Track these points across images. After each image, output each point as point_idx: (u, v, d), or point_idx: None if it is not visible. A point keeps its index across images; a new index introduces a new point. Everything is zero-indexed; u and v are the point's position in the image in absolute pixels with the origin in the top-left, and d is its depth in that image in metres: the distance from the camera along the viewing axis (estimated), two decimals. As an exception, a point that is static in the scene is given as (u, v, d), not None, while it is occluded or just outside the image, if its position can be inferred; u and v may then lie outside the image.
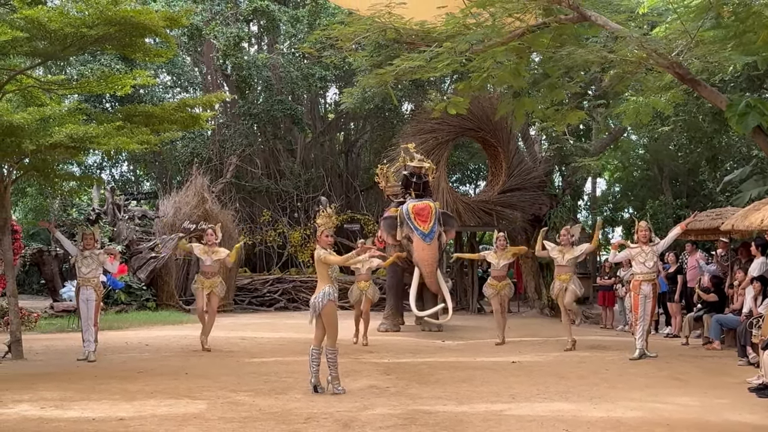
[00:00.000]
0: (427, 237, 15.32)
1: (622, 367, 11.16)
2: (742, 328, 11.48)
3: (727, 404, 8.29)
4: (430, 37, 13.41)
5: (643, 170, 31.53)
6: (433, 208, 15.66)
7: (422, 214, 15.50)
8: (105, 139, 11.32)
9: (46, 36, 10.69)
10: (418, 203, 15.76)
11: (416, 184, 16.36)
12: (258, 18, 26.62)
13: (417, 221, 15.42)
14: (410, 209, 15.65)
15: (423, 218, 15.45)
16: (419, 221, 15.41)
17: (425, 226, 15.37)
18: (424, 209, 15.59)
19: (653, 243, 12.51)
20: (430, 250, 15.27)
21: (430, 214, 15.53)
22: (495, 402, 8.39)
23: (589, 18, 12.23)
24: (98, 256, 12.16)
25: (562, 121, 14.97)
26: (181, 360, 11.82)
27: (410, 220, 15.54)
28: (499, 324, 14.48)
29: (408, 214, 15.63)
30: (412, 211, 15.59)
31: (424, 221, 15.41)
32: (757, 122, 11.97)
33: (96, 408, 7.99)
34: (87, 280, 12.03)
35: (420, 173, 16.48)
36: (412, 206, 15.70)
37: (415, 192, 16.25)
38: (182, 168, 26.90)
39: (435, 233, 15.44)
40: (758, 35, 11.41)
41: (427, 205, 15.69)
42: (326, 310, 8.91)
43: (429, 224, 15.40)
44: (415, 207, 15.65)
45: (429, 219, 15.45)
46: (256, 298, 23.33)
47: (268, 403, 8.33)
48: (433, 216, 15.52)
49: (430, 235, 15.36)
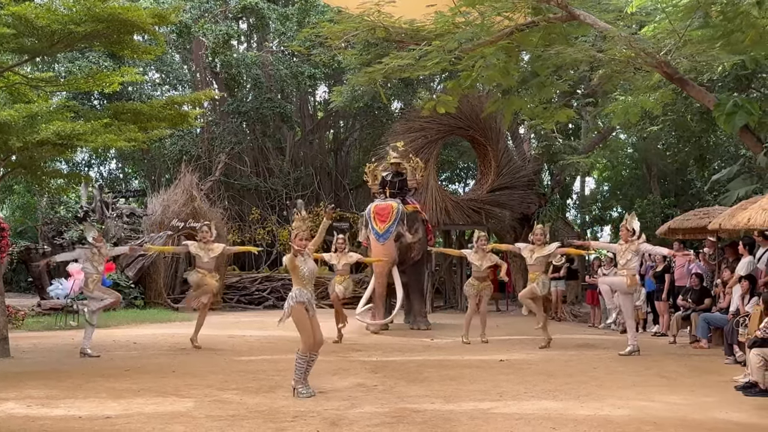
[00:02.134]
0: (381, 237, 15.45)
1: (610, 366, 11.17)
2: (729, 327, 11.51)
3: (715, 402, 8.31)
4: (420, 35, 13.45)
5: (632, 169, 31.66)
6: (395, 209, 15.74)
7: (382, 214, 15.67)
8: (93, 136, 11.28)
9: (33, 33, 10.65)
10: (382, 203, 15.99)
11: (392, 182, 16.49)
12: (247, 16, 26.59)
13: (376, 221, 15.63)
14: (372, 209, 15.93)
15: (382, 218, 15.60)
16: (378, 221, 15.60)
17: (381, 226, 15.53)
18: (385, 209, 15.76)
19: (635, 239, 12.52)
20: (382, 250, 15.36)
21: (390, 214, 15.63)
22: (482, 400, 8.38)
23: (578, 17, 12.27)
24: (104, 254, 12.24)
25: (551, 119, 15.03)
26: (168, 358, 11.78)
27: (370, 220, 15.75)
28: (467, 323, 14.36)
29: (369, 214, 15.87)
30: (373, 211, 15.85)
31: (382, 221, 15.56)
32: (745, 121, 12.06)
33: (82, 406, 7.95)
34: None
35: (397, 171, 16.57)
36: (374, 206, 15.99)
37: (390, 190, 16.35)
38: (171, 166, 26.84)
39: (391, 234, 15.55)
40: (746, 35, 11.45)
41: (389, 205, 15.83)
42: (294, 313, 8.65)
43: (386, 224, 15.53)
44: (377, 207, 15.91)
45: (388, 219, 15.56)
46: (244, 296, 23.29)
47: (255, 401, 8.31)
48: (392, 216, 15.63)
49: (384, 235, 15.49)
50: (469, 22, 12.82)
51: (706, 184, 22.95)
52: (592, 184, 35.49)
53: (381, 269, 15.38)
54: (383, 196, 16.33)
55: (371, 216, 15.73)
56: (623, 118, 14.21)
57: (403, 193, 16.58)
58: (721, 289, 13.54)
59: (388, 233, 15.46)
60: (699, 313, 13.72)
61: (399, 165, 16.76)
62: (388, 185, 16.51)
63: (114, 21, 10.67)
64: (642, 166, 29.52)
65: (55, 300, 18.57)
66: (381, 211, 15.67)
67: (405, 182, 16.77)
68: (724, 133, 18.14)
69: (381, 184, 16.74)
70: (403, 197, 16.51)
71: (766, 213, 8.69)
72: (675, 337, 14.31)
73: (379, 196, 16.51)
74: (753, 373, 8.88)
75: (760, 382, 8.76)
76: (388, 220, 15.53)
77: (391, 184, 16.50)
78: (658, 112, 15.12)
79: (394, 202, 15.97)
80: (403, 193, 16.66)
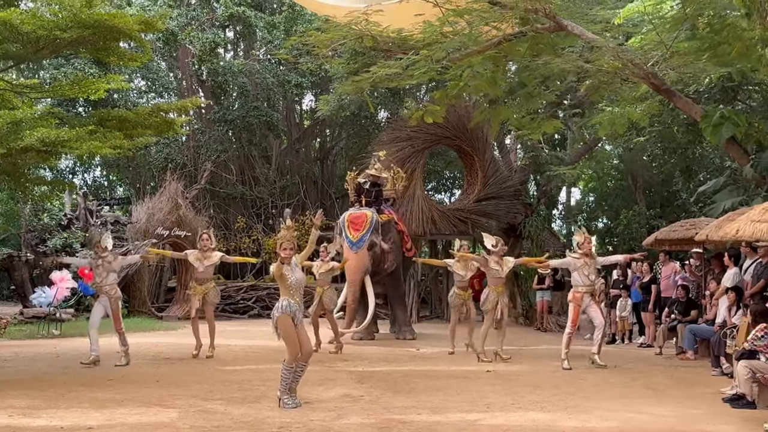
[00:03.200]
0: (354, 246, 15.44)
1: (597, 377, 11.15)
2: (716, 339, 11.51)
3: (702, 415, 8.29)
4: (407, 44, 13.43)
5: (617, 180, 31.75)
6: (369, 218, 15.74)
7: (356, 223, 15.67)
8: (77, 143, 11.20)
9: (18, 38, 10.58)
10: (356, 212, 16.00)
11: (368, 191, 16.52)
12: (234, 24, 26.53)
13: (349, 229, 15.61)
14: (346, 218, 15.93)
15: (356, 227, 15.61)
16: (351, 230, 15.60)
17: (355, 235, 15.53)
18: (359, 218, 15.76)
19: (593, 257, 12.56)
20: (355, 259, 15.34)
21: (364, 223, 15.64)
22: (470, 411, 8.34)
23: (566, 27, 12.29)
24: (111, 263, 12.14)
25: (538, 130, 15.05)
26: (152, 367, 11.68)
27: (344, 228, 15.75)
28: (452, 333, 14.29)
29: (343, 223, 15.88)
30: (347, 220, 15.84)
31: (356, 230, 15.56)
32: (732, 133, 12.10)
33: (65, 416, 7.86)
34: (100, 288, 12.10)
35: (375, 182, 16.60)
36: (348, 215, 15.99)
37: (366, 199, 16.38)
38: (156, 173, 26.70)
39: (364, 243, 15.53)
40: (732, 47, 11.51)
41: (363, 214, 15.84)
42: (279, 324, 8.65)
43: (359, 233, 15.52)
44: (351, 215, 15.91)
45: (361, 228, 15.55)
46: (229, 305, 23.09)
47: (240, 411, 8.24)
48: (366, 225, 15.62)
49: (357, 243, 15.48)
50: (457, 32, 12.82)
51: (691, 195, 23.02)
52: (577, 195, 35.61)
53: (353, 277, 15.33)
54: (358, 205, 16.32)
55: (345, 224, 15.73)
56: (610, 129, 14.24)
57: (378, 202, 16.60)
58: (708, 300, 13.57)
59: (362, 242, 15.45)
60: (685, 324, 13.73)
61: (377, 176, 16.74)
62: (364, 194, 16.53)
63: (100, 27, 10.61)
64: (627, 177, 29.61)
65: (38, 308, 18.39)
66: (355, 220, 15.68)
67: (381, 192, 16.79)
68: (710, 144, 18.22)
69: (357, 193, 16.78)
70: (379, 207, 16.51)
71: (755, 225, 8.68)
72: (661, 348, 14.33)
73: (355, 205, 16.50)
74: (740, 385, 8.88)
75: (747, 394, 8.75)
76: (362, 229, 15.53)
77: (367, 193, 16.57)
78: (645, 124, 15.16)
79: (369, 211, 15.96)
80: (379, 202, 16.66)
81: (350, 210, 16.22)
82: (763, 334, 8.91)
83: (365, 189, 16.60)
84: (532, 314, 20.96)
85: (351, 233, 15.53)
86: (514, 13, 12.49)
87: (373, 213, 15.94)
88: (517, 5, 12.00)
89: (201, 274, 13.17)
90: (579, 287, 12.38)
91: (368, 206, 16.22)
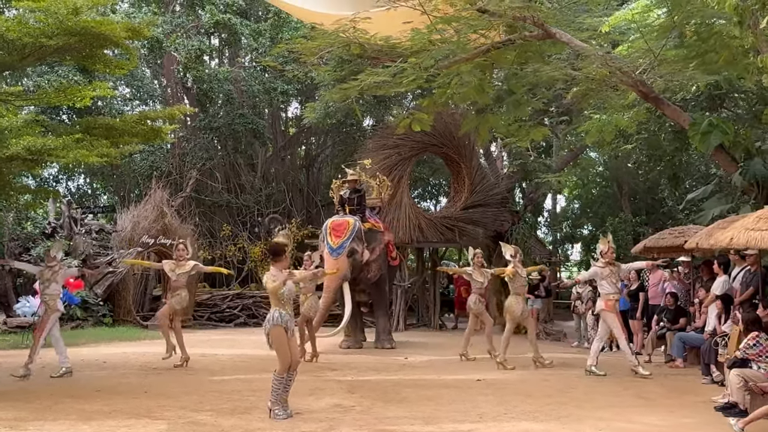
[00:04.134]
0: (334, 252, 15.40)
1: (588, 386, 11.11)
2: (706, 347, 11.50)
3: (695, 424, 8.28)
4: (395, 52, 13.41)
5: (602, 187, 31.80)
6: (351, 225, 15.71)
7: (338, 230, 15.65)
8: (64, 151, 11.08)
9: (3, 46, 10.45)
10: (339, 219, 15.98)
11: (350, 199, 16.51)
12: (219, 31, 26.40)
13: (331, 236, 15.56)
14: (329, 225, 15.87)
15: (337, 233, 15.60)
16: (333, 236, 15.56)
17: (336, 241, 15.49)
18: (341, 225, 15.73)
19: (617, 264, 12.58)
20: (334, 265, 15.24)
21: (346, 230, 15.61)
22: (462, 422, 8.28)
23: (554, 35, 12.30)
24: (59, 272, 11.99)
25: (526, 137, 15.05)
26: (139, 378, 11.56)
27: (325, 235, 15.71)
28: (467, 338, 14.55)
29: (325, 229, 15.84)
30: (330, 227, 15.78)
31: (337, 236, 15.55)
32: (720, 141, 12.13)
33: (52, 429, 7.76)
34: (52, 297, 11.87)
35: (355, 188, 16.58)
36: (331, 222, 15.95)
37: (349, 207, 16.38)
38: (141, 181, 26.52)
39: (344, 249, 15.48)
40: (720, 55, 11.56)
41: (345, 221, 15.81)
42: (272, 335, 8.55)
43: (340, 240, 15.51)
44: (333, 222, 15.87)
45: (342, 235, 15.54)
46: (215, 314, 22.94)
47: (230, 422, 8.15)
48: (348, 232, 15.59)
49: (337, 250, 15.45)
50: (445, 40, 12.81)
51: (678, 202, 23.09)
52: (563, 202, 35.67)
53: (331, 283, 15.25)
54: (342, 213, 16.30)
55: (327, 231, 15.68)
56: (598, 137, 14.25)
57: (362, 209, 16.56)
58: (697, 308, 13.57)
59: (342, 248, 15.40)
60: (674, 332, 13.73)
61: (356, 182, 16.74)
62: (347, 202, 16.53)
63: (87, 35, 10.50)
64: (613, 184, 29.67)
65: (22, 318, 18.23)
66: (337, 227, 15.64)
67: (363, 198, 16.76)
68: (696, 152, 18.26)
69: (340, 202, 16.78)
70: (363, 214, 16.47)
71: (750, 233, 8.66)
72: (650, 356, 14.31)
73: (339, 213, 16.47)
74: (733, 394, 8.85)
75: (740, 403, 8.72)
76: (343, 236, 15.50)
77: (350, 201, 16.53)
78: (633, 131, 15.18)
79: (352, 218, 15.93)
80: (362, 209, 16.62)
81: (334, 217, 16.18)
82: (755, 342, 8.89)
83: (347, 198, 16.58)
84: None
85: (332, 239, 15.49)
86: (502, 21, 12.50)
87: (356, 221, 15.90)
88: (505, 13, 12.01)
89: (174, 283, 13.16)
90: (610, 295, 12.40)
91: (352, 214, 16.19)
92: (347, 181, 16.91)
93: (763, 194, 12.27)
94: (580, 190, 33.64)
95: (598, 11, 13.20)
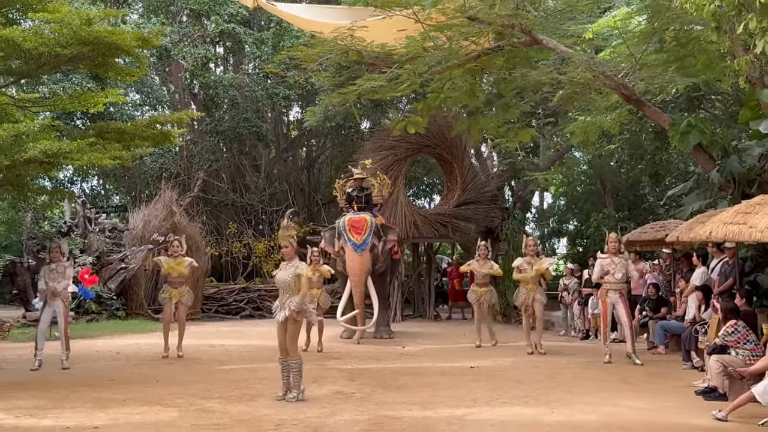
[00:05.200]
0: (358, 248, 15.42)
1: (576, 372, 11.12)
2: (687, 334, 11.51)
3: (677, 407, 8.28)
4: (391, 58, 13.39)
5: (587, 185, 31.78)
6: (369, 221, 15.76)
7: (357, 227, 15.65)
8: (78, 154, 11.07)
9: (20, 55, 10.46)
10: (355, 216, 15.97)
11: (357, 197, 16.55)
12: (224, 39, 26.33)
13: (351, 233, 15.57)
14: (346, 221, 15.84)
15: (357, 230, 15.60)
16: (354, 233, 15.57)
17: (358, 238, 15.51)
18: (359, 222, 15.72)
19: (622, 254, 12.50)
20: (360, 261, 15.39)
21: (365, 226, 15.64)
22: (458, 407, 8.28)
23: (541, 42, 12.31)
24: (66, 269, 11.72)
25: (515, 138, 15.03)
26: (151, 368, 11.54)
27: (345, 232, 15.67)
28: (478, 329, 14.63)
29: (344, 226, 15.79)
30: (348, 223, 15.76)
31: (358, 233, 15.55)
32: (698, 140, 12.12)
33: (70, 416, 7.74)
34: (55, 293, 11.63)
35: (360, 186, 16.57)
36: (348, 219, 15.91)
37: (357, 205, 16.40)
38: (151, 182, 26.50)
39: (367, 245, 15.55)
40: (697, 59, 11.57)
41: (362, 218, 15.84)
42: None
43: (362, 236, 15.53)
44: (351, 219, 15.85)
45: (363, 231, 15.57)
46: (222, 306, 22.96)
47: (238, 409, 8.14)
48: (367, 229, 15.63)
49: (362, 246, 15.49)
50: (438, 47, 12.80)
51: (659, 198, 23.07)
52: (549, 199, 35.65)
53: (358, 278, 15.31)
54: (352, 211, 16.27)
55: (346, 228, 15.63)
56: (583, 137, 14.24)
57: (369, 207, 16.58)
58: (677, 297, 13.57)
59: (365, 244, 15.46)
60: (656, 320, 13.73)
61: (362, 180, 16.74)
62: (354, 200, 16.54)
63: (99, 44, 10.50)
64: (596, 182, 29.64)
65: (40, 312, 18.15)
66: (356, 224, 15.62)
67: (370, 196, 16.77)
68: (676, 150, 18.26)
69: (347, 200, 16.75)
70: (371, 210, 16.48)
71: (727, 227, 8.65)
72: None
73: (348, 211, 16.44)
74: (712, 379, 8.88)
75: (719, 387, 8.75)
76: (364, 232, 15.52)
77: (358, 199, 16.56)
78: (616, 132, 15.17)
79: (367, 215, 15.95)
80: (370, 207, 16.63)
81: (349, 214, 16.13)
82: (733, 329, 8.91)
83: (355, 195, 16.57)
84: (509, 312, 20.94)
85: (354, 236, 15.49)
86: (492, 29, 12.50)
87: (371, 217, 15.97)
88: (494, 21, 12.02)
89: (175, 279, 13.09)
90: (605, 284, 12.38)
91: (361, 211, 16.19)
92: (354, 180, 16.88)
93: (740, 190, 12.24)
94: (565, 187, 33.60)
95: (582, 18, 13.18)
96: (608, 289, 12.27)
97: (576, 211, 31.83)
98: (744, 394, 7.62)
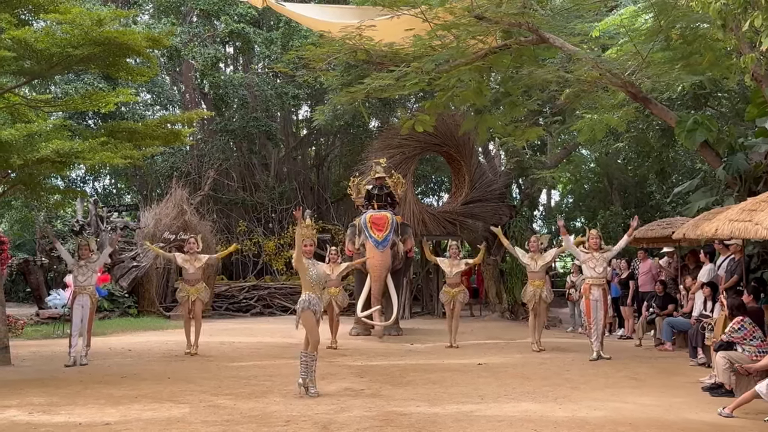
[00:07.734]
0: (379, 245, 15.47)
1: (582, 368, 11.09)
2: (694, 331, 11.48)
3: (684, 403, 8.24)
4: (399, 57, 13.38)
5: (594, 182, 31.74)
6: (390, 219, 15.82)
7: (378, 224, 15.70)
8: (90, 154, 11.09)
9: (32, 56, 10.45)
10: (376, 213, 16.03)
11: (378, 195, 16.56)
12: (234, 40, 26.35)
13: (373, 230, 15.63)
14: (368, 219, 15.89)
15: (379, 227, 15.63)
16: (375, 230, 15.62)
17: (380, 235, 15.57)
18: (381, 219, 15.78)
19: (603, 250, 12.49)
20: (381, 257, 15.42)
21: (387, 224, 15.72)
22: (465, 403, 8.27)
23: (548, 40, 12.26)
24: (93, 264, 11.96)
25: (522, 137, 15.00)
26: (163, 365, 11.57)
27: (367, 229, 15.72)
28: (449, 328, 14.27)
29: (365, 223, 15.84)
30: (369, 221, 15.83)
31: (379, 230, 15.59)
32: (705, 137, 12.08)
33: (82, 413, 7.76)
34: (83, 288, 11.80)
35: (381, 185, 16.58)
36: (369, 216, 15.96)
37: (377, 203, 16.39)
38: (162, 181, 26.59)
39: (388, 242, 15.62)
40: (704, 57, 11.52)
41: (384, 215, 15.89)
42: (303, 316, 8.88)
43: (384, 233, 15.59)
44: (373, 217, 15.91)
45: (384, 228, 15.62)
46: (233, 304, 23.01)
47: (248, 406, 8.15)
48: (389, 226, 15.67)
49: (383, 243, 15.54)
50: (445, 45, 12.79)
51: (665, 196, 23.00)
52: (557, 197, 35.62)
53: (379, 274, 15.34)
54: (371, 209, 16.27)
55: (368, 225, 15.67)
56: (590, 135, 14.19)
57: (393, 204, 16.65)
58: (684, 294, 13.53)
59: (386, 241, 15.56)
60: (663, 317, 13.70)
61: (383, 179, 16.75)
62: (374, 198, 16.55)
63: (110, 44, 10.48)
64: (604, 179, 29.61)
65: (53, 309, 18.26)
66: (377, 221, 15.70)
67: (391, 195, 16.81)
68: (683, 148, 18.20)
69: (366, 198, 16.72)
70: (393, 209, 16.56)
71: (733, 224, 8.60)
72: (641, 340, 14.29)
73: (366, 209, 16.45)
74: (719, 375, 8.85)
75: (725, 384, 8.73)
76: (385, 230, 15.59)
77: (378, 197, 16.60)
78: (623, 129, 15.12)
79: (388, 213, 16.05)
80: (393, 204, 16.70)
81: (369, 211, 16.18)
82: (740, 326, 8.88)
83: (375, 194, 16.59)
84: (517, 309, 20.93)
85: (375, 233, 15.56)
86: (499, 27, 12.47)
87: (392, 215, 16.04)
88: (501, 20, 11.98)
89: (191, 276, 13.14)
90: (587, 280, 12.45)
91: (381, 209, 16.22)
92: (377, 179, 16.87)
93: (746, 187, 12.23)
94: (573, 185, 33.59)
95: (588, 17, 13.13)
96: (591, 284, 12.27)
97: (583, 209, 31.82)
98: (748, 391, 7.59)
